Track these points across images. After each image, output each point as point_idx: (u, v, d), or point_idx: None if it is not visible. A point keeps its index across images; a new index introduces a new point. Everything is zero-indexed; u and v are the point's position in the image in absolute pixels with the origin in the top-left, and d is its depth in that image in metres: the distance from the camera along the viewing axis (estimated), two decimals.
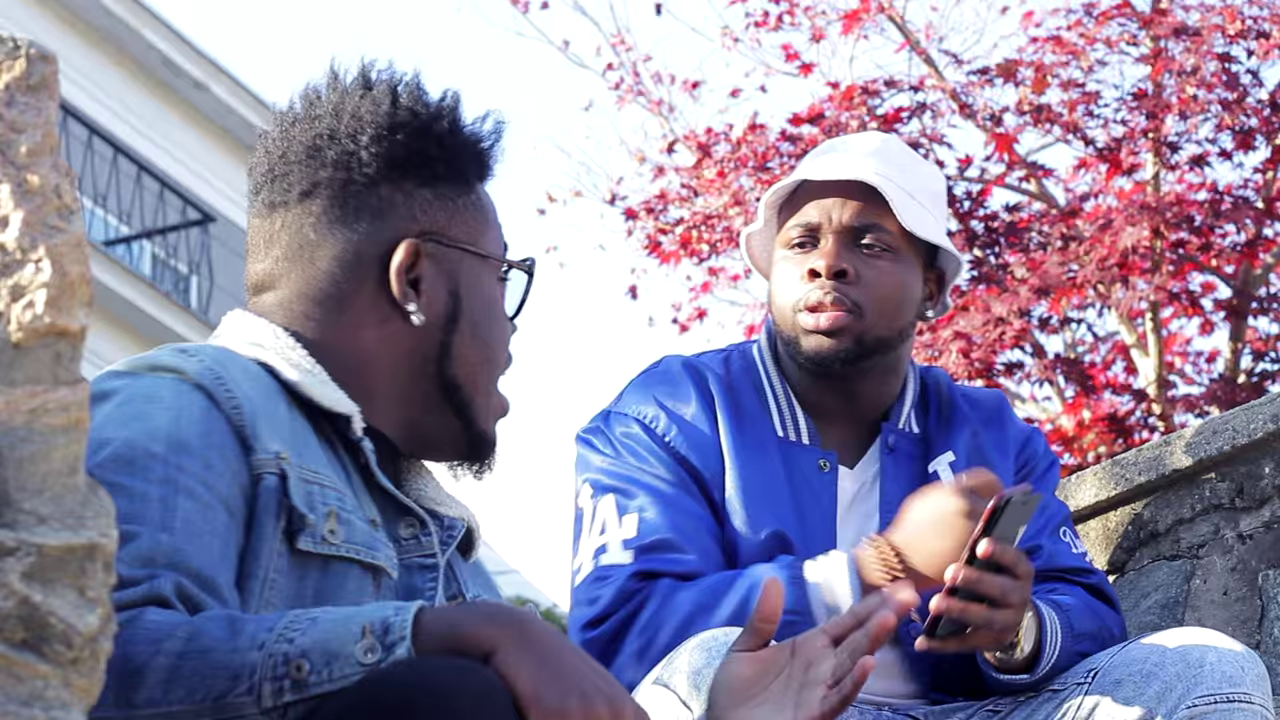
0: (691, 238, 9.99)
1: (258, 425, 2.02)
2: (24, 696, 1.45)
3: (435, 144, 2.21)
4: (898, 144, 3.15)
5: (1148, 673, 2.78)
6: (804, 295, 3.03)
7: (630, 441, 3.02)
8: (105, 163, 17.83)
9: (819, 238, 3.05)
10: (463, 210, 2.24)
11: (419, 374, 2.20)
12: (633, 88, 11.11)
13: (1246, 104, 9.00)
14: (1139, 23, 9.22)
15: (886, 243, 3.03)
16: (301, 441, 2.07)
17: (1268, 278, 9.56)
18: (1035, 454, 3.19)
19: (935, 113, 9.42)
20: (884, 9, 9.89)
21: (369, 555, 2.05)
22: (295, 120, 2.21)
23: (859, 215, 3.04)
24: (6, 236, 1.52)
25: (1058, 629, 2.92)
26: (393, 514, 2.15)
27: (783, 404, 3.09)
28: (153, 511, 1.91)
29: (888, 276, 3.03)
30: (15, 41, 1.57)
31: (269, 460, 2.01)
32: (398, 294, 2.18)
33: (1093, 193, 9.61)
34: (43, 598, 1.47)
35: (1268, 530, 3.54)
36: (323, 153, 2.18)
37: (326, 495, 2.04)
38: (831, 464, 3.05)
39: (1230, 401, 9.11)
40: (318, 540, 2.00)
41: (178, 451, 1.96)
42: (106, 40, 18.05)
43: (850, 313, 3.00)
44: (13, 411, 1.50)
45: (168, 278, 18.83)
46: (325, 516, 2.02)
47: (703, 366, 3.10)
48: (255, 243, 2.23)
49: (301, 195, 2.19)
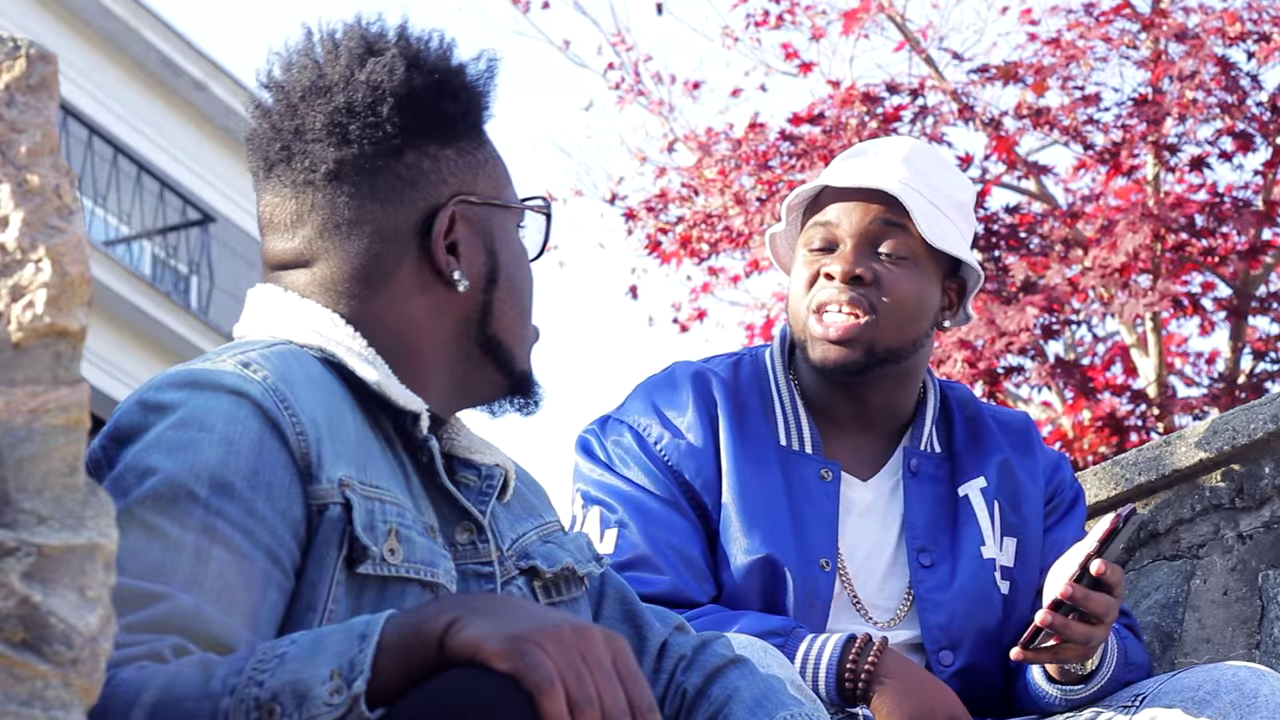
0: (691, 237, 9.98)
1: (323, 451, 1.98)
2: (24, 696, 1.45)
3: (453, 101, 2.17)
4: (928, 151, 3.12)
5: (1201, 700, 2.80)
6: (817, 298, 3.01)
7: (621, 451, 3.02)
8: (105, 163, 17.83)
9: (838, 242, 3.03)
10: (483, 164, 2.20)
11: (463, 337, 2.17)
12: (633, 88, 11.11)
13: (1246, 106, 9.00)
14: (1139, 25, 9.22)
15: (906, 251, 3.01)
16: (365, 453, 2.04)
17: (1268, 277, 9.56)
18: (1063, 483, 3.18)
19: (937, 117, 9.41)
20: (884, 8, 9.88)
21: (429, 573, 2.02)
22: (303, 94, 2.15)
23: (879, 222, 3.02)
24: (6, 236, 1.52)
25: (1114, 651, 2.95)
26: (450, 515, 2.13)
27: (788, 411, 3.07)
28: (185, 565, 1.88)
29: (905, 284, 3.01)
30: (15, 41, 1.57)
31: (332, 490, 1.97)
32: (441, 262, 2.15)
33: (1093, 195, 9.61)
34: (43, 598, 1.47)
35: (1268, 530, 3.54)
36: (345, 129, 2.13)
37: (387, 511, 2.01)
38: (834, 473, 3.03)
39: (1230, 401, 9.11)
40: (378, 564, 1.98)
41: (220, 495, 1.92)
42: (106, 40, 18.05)
43: (867, 314, 2.98)
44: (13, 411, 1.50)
45: (168, 278, 18.83)
46: (385, 535, 1.99)
47: (709, 373, 3.08)
48: (278, 220, 2.17)
49: (329, 175, 2.13)
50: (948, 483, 3.09)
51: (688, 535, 2.97)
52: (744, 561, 2.96)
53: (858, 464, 3.08)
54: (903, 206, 3.00)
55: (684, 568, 2.94)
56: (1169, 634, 3.57)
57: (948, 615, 2.99)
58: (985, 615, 3.01)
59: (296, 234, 2.16)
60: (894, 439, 3.11)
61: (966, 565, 3.02)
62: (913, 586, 2.99)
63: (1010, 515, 3.09)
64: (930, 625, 2.98)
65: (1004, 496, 3.09)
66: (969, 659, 2.99)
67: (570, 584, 2.27)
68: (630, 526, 2.95)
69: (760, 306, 10.74)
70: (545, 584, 2.23)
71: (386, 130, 2.13)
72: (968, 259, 3.06)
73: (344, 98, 2.13)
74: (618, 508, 2.98)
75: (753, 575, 2.96)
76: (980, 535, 3.05)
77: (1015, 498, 3.10)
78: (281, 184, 2.16)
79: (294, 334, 2.12)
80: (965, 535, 3.04)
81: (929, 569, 3.01)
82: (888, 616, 3.00)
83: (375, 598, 1.99)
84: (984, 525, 3.06)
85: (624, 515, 2.96)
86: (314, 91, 2.14)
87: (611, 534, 2.96)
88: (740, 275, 10.37)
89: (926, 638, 2.99)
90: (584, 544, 2.33)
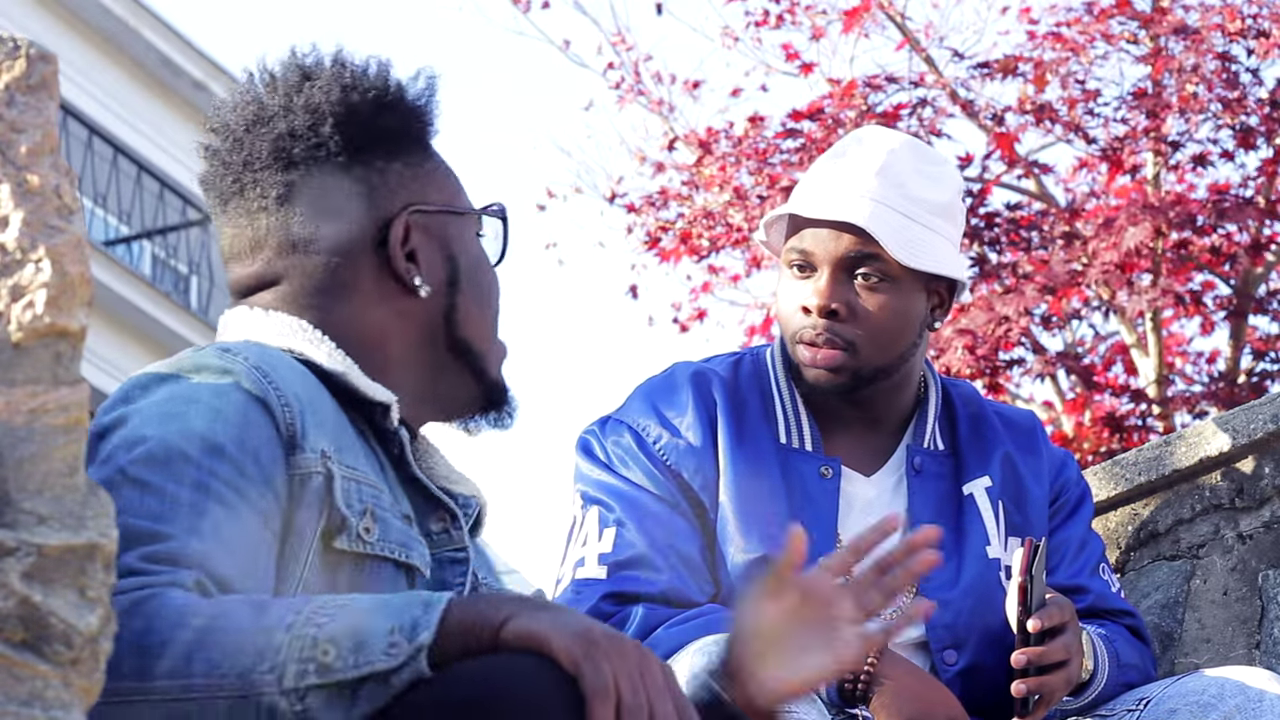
0: (691, 234, 9.98)
1: (306, 423, 2.04)
2: (24, 696, 1.45)
3: (393, 116, 2.25)
4: (906, 151, 3.04)
5: (1206, 703, 2.80)
6: (799, 329, 3.00)
7: (620, 451, 3.02)
8: (105, 163, 17.82)
9: (816, 265, 3.00)
10: (432, 175, 2.28)
11: (430, 342, 2.23)
12: (633, 87, 11.10)
13: (1247, 103, 9.00)
14: (1139, 22, 9.22)
15: (884, 273, 2.97)
16: (343, 438, 2.09)
17: (1268, 276, 9.56)
18: (1069, 482, 3.18)
19: (936, 110, 9.41)
20: (884, 7, 9.88)
21: (404, 554, 2.08)
22: (247, 127, 2.22)
23: (853, 248, 2.97)
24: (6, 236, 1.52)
25: (1104, 655, 2.97)
26: (423, 506, 2.18)
27: (788, 410, 3.06)
28: (183, 515, 1.91)
29: (883, 310, 2.97)
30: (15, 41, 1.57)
31: (314, 460, 2.03)
32: (401, 270, 2.22)
33: (1094, 192, 9.61)
34: (43, 598, 1.47)
35: (1268, 530, 3.53)
36: (289, 153, 2.20)
37: (363, 492, 2.06)
38: (835, 470, 3.03)
39: (1230, 401, 9.11)
40: (354, 539, 2.03)
41: (211, 455, 1.96)
42: (106, 40, 18.04)
43: (844, 350, 2.97)
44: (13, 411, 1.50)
45: (168, 278, 18.83)
46: (362, 514, 2.04)
47: (709, 373, 3.08)
48: (238, 249, 2.24)
49: (279, 199, 2.21)
50: (951, 480, 3.09)
51: (686, 535, 2.97)
52: (741, 560, 2.96)
53: (860, 459, 3.07)
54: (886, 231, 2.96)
55: (682, 567, 2.95)
56: (1169, 634, 3.56)
57: (953, 614, 2.99)
58: (990, 615, 3.00)
59: (256, 258, 2.23)
60: (896, 435, 3.10)
61: (972, 565, 3.02)
62: (917, 585, 2.99)
63: (1015, 515, 3.08)
64: (935, 624, 2.98)
65: (1009, 496, 3.09)
66: (973, 659, 2.99)
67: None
68: (628, 525, 2.95)
69: (760, 306, 10.73)
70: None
71: (330, 149, 2.21)
72: (949, 272, 3.01)
73: (285, 124, 2.21)
74: (615, 507, 2.98)
75: (750, 574, 2.95)
76: (986, 535, 3.05)
77: (1020, 498, 3.10)
78: (237, 215, 2.24)
79: (265, 340, 2.17)
80: (970, 534, 3.04)
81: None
82: (891, 615, 3.00)
83: (351, 575, 2.03)
84: (989, 525, 3.06)
85: (621, 514, 2.97)
86: (256, 123, 2.22)
87: (610, 533, 2.96)
88: (740, 274, 10.37)
89: (931, 637, 2.99)
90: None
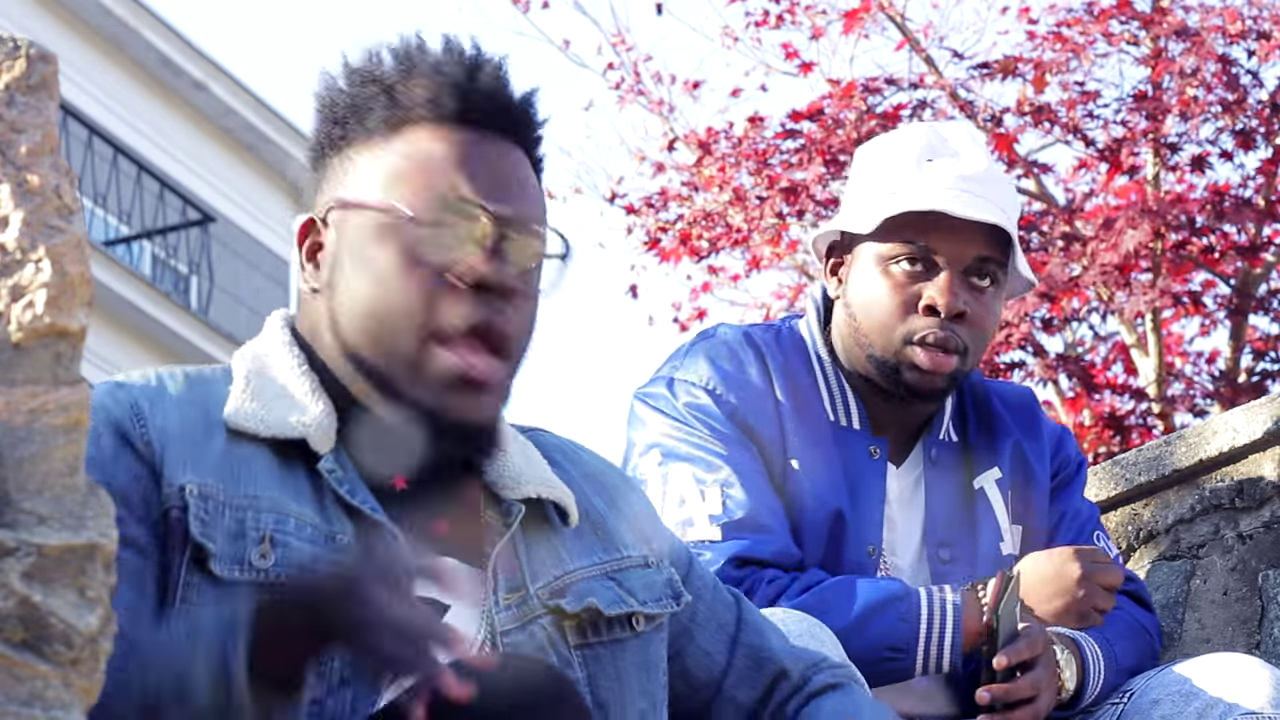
0: (691, 235, 9.98)
1: (167, 458, 2.00)
2: (24, 696, 1.45)
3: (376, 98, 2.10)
4: (990, 154, 3.09)
5: (1188, 693, 2.80)
6: (917, 330, 2.97)
7: (698, 411, 2.97)
8: (105, 163, 17.82)
9: (937, 265, 2.97)
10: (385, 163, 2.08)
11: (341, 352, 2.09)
12: (633, 87, 11.10)
13: (1247, 105, 9.00)
14: (1139, 23, 9.22)
15: (995, 275, 2.99)
16: (241, 465, 2.03)
17: (1268, 276, 9.56)
18: (1067, 458, 3.19)
19: (936, 110, 9.41)
20: (884, 8, 9.88)
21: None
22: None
23: (984, 250, 2.98)
24: (6, 236, 1.52)
25: (1101, 665, 2.95)
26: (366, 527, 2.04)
27: (834, 387, 3.05)
28: None
29: (990, 313, 3.00)
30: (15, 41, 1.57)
31: (173, 493, 1.98)
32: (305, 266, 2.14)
33: (1093, 192, 9.61)
34: (43, 598, 1.47)
35: (1268, 530, 3.53)
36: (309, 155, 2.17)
37: (260, 520, 1.99)
38: (882, 451, 3.03)
39: (1230, 401, 9.10)
40: (245, 566, 1.97)
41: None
42: (106, 40, 18.05)
43: (959, 355, 2.97)
44: (13, 411, 1.50)
45: (167, 278, 18.83)
46: (257, 541, 1.98)
47: (758, 339, 3.06)
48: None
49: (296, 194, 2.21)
50: (962, 473, 3.09)
51: (775, 495, 2.96)
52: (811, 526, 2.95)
53: (892, 450, 3.07)
54: (1007, 237, 2.98)
55: (785, 527, 2.93)
56: (1169, 634, 3.57)
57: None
58: None
59: None
60: (918, 430, 3.10)
61: (984, 566, 3.02)
62: (934, 581, 2.99)
63: (1019, 504, 3.10)
64: None
65: (1017, 485, 3.10)
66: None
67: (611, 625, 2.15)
68: (733, 485, 2.92)
69: (760, 306, 10.74)
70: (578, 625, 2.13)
71: (319, 139, 2.15)
72: (1032, 276, 3.06)
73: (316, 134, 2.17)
74: (713, 464, 2.93)
75: (815, 546, 2.95)
76: (999, 531, 3.06)
77: (1026, 486, 3.11)
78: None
79: (257, 349, 2.15)
80: (983, 532, 3.05)
81: (948, 565, 3.01)
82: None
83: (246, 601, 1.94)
84: (1001, 520, 3.07)
85: (723, 474, 2.92)
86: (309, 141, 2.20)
87: (714, 493, 2.91)
88: (740, 274, 10.37)
89: None
90: (660, 581, 2.24)
